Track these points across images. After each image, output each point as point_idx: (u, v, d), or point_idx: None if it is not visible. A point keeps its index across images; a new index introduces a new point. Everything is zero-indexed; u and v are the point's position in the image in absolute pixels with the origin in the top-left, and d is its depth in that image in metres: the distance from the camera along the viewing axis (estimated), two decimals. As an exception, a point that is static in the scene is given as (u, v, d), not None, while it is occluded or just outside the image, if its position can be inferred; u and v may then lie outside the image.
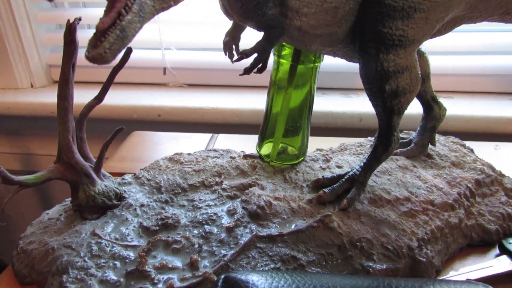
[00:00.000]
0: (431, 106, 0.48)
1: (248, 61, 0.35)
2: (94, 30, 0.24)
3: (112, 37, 0.24)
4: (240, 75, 0.35)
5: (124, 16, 0.24)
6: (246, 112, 0.72)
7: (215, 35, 0.79)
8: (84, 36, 0.33)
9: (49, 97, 0.80)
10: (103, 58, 0.23)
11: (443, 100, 0.75)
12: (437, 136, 0.55)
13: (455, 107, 0.71)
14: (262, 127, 0.50)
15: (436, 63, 0.76)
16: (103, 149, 0.41)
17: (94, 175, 0.41)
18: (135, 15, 0.25)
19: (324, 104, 0.72)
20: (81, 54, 0.29)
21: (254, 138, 0.51)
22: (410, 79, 0.37)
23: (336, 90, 0.78)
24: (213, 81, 0.82)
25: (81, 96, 0.46)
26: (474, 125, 0.67)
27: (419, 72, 0.38)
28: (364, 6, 0.35)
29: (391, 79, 0.36)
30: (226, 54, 0.43)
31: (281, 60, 0.45)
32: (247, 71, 0.35)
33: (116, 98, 0.77)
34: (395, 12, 0.34)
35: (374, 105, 0.39)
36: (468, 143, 0.56)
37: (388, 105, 0.38)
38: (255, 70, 0.35)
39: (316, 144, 0.55)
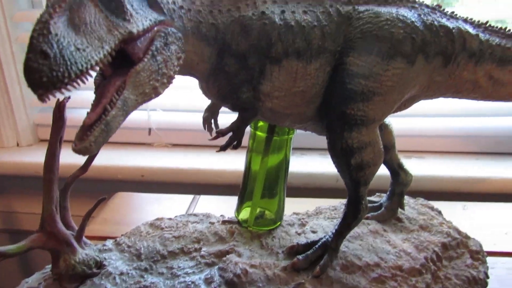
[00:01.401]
0: (398, 173, 0.51)
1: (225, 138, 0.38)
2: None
3: (97, 131, 0.26)
4: (217, 151, 0.38)
5: (109, 112, 0.27)
6: (229, 173, 0.75)
7: (200, 97, 0.83)
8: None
9: (35, 156, 0.82)
10: (88, 150, 0.26)
11: (415, 160, 0.79)
12: (407, 199, 0.58)
13: (426, 168, 0.75)
14: (241, 190, 0.53)
15: (408, 125, 0.81)
16: (85, 219, 0.43)
17: (75, 244, 0.42)
18: (119, 109, 0.28)
19: (303, 165, 0.75)
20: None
21: (236, 200, 0.54)
22: (373, 153, 0.40)
23: (315, 151, 0.81)
24: (197, 141, 0.85)
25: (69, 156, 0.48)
26: (444, 185, 0.71)
27: (381, 146, 0.41)
28: (329, 89, 0.39)
29: (356, 154, 0.39)
30: (205, 129, 0.46)
31: (257, 132, 0.48)
32: (223, 148, 0.38)
33: (101, 158, 0.79)
34: (356, 95, 0.38)
35: (342, 177, 0.42)
36: (438, 203, 0.59)
37: (354, 177, 0.41)
38: (231, 147, 0.38)
39: (294, 205, 0.57)
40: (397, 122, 0.79)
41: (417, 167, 0.75)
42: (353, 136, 0.39)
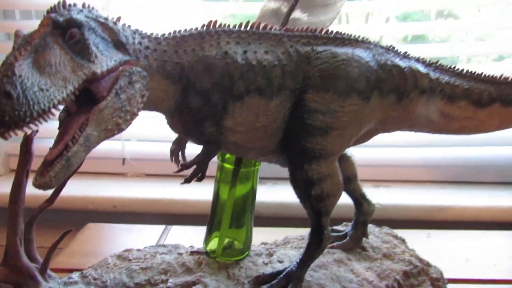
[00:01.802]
0: (361, 203, 0.53)
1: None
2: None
3: (58, 167, 0.28)
4: (181, 184, 0.39)
5: (70, 148, 0.28)
6: (201, 203, 0.76)
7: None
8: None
9: (5, 187, 0.81)
10: (49, 185, 0.27)
11: (383, 189, 0.82)
12: (372, 227, 0.60)
13: (394, 197, 0.78)
14: (209, 221, 0.54)
15: (377, 155, 0.84)
16: (50, 251, 0.43)
17: (39, 277, 0.42)
18: (80, 146, 0.29)
19: (275, 194, 0.77)
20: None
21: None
22: (333, 184, 0.42)
23: (286, 180, 0.83)
24: (171, 171, 0.86)
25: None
26: (409, 214, 0.73)
27: (341, 178, 0.43)
28: (289, 124, 0.41)
29: (316, 185, 0.41)
30: (172, 161, 0.47)
31: (225, 165, 0.50)
32: (187, 181, 0.39)
33: (73, 188, 0.79)
34: (315, 130, 0.40)
35: (304, 207, 0.44)
36: (403, 232, 0.61)
37: (315, 207, 0.42)
38: (195, 179, 0.40)
39: (264, 235, 0.58)
40: (366, 152, 0.83)
41: (385, 196, 0.77)
42: (313, 169, 0.41)
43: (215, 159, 0.48)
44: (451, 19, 0.96)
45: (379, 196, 0.77)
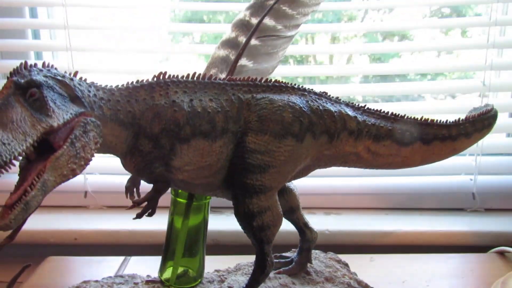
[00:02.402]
0: (304, 231, 0.59)
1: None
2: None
3: (17, 210, 0.31)
4: (133, 219, 0.43)
5: (29, 193, 0.32)
6: (160, 233, 0.79)
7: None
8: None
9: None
10: (9, 227, 0.31)
11: (333, 216, 0.87)
12: (318, 253, 0.65)
13: (342, 223, 0.83)
14: (164, 250, 0.57)
15: (328, 184, 0.90)
16: (9, 285, 0.46)
17: (-2, 311, 0.45)
18: (38, 190, 0.33)
19: (231, 223, 0.81)
20: None
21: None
22: (272, 216, 0.47)
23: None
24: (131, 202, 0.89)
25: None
26: (356, 239, 0.79)
27: (280, 210, 0.48)
28: (232, 163, 0.46)
29: (256, 217, 0.46)
30: (127, 197, 0.51)
31: (177, 199, 0.54)
32: (139, 216, 0.43)
33: (34, 222, 0.80)
34: (254, 168, 0.45)
35: (248, 237, 0.48)
36: (348, 256, 0.66)
37: (257, 237, 0.47)
38: (146, 214, 0.44)
39: (218, 264, 0.62)
40: (318, 181, 0.89)
41: (334, 223, 0.83)
42: (253, 202, 0.46)
43: (169, 191, 0.53)
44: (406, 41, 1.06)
45: (328, 223, 0.83)
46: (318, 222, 0.83)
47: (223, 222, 0.82)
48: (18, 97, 0.33)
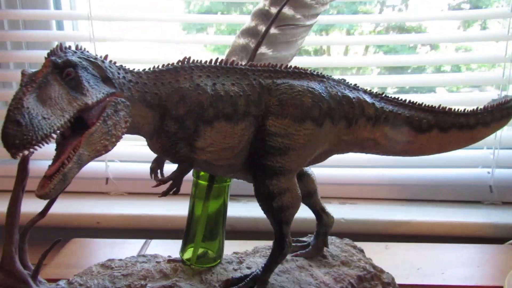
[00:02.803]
0: (321, 215, 0.60)
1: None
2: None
3: (56, 180, 0.34)
4: (159, 197, 0.46)
5: (66, 165, 0.34)
6: (179, 218, 0.81)
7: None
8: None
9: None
10: (48, 195, 0.33)
11: (348, 206, 0.88)
12: (334, 239, 0.66)
13: (357, 212, 0.84)
14: (185, 233, 0.59)
15: (344, 174, 0.91)
16: (41, 259, 0.48)
17: (31, 282, 0.47)
18: (74, 163, 0.35)
19: (248, 210, 0.83)
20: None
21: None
22: (291, 197, 0.49)
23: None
24: (152, 189, 0.91)
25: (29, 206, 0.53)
26: (370, 228, 0.80)
27: (299, 192, 0.50)
28: (253, 145, 0.48)
29: (276, 198, 0.48)
30: (151, 177, 0.53)
31: (199, 181, 0.56)
32: (164, 194, 0.45)
33: (58, 206, 0.83)
34: (275, 151, 0.47)
35: (268, 218, 0.50)
36: (363, 244, 0.67)
37: (277, 218, 0.49)
38: (171, 193, 0.46)
39: (236, 247, 0.64)
40: (334, 171, 0.90)
41: (349, 212, 0.84)
42: (273, 183, 0.47)
43: (190, 176, 0.55)
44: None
45: (344, 212, 0.84)
46: (334, 211, 0.82)
47: (240, 209, 0.84)
48: (56, 76, 0.35)
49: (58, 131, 0.34)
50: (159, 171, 0.54)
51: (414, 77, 0.94)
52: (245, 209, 0.83)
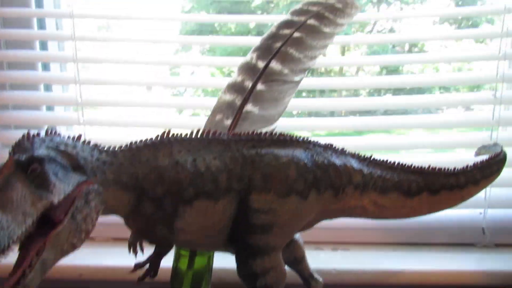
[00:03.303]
0: (309, 282, 0.58)
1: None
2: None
3: None
4: (137, 282, 0.43)
5: (27, 276, 0.32)
6: (168, 271, 0.78)
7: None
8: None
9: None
10: None
11: (340, 253, 0.86)
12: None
13: (348, 261, 0.82)
14: None
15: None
16: None
17: None
18: (36, 272, 0.33)
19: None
20: None
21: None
22: (276, 276, 0.47)
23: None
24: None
25: None
26: (363, 278, 0.78)
27: (284, 268, 0.48)
28: (235, 222, 0.46)
29: (260, 278, 0.46)
30: (130, 252, 0.51)
31: (181, 251, 0.54)
32: (141, 279, 0.43)
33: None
34: (258, 228, 0.45)
35: (252, 294, 0.48)
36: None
37: (262, 296, 0.47)
38: (148, 277, 0.43)
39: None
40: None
41: (341, 261, 0.82)
42: (257, 263, 0.45)
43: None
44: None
45: (335, 261, 0.82)
46: (325, 260, 0.82)
47: (229, 261, 0.81)
48: (19, 175, 0.33)
49: (20, 240, 0.31)
50: (138, 244, 0.52)
51: (406, 98, 0.94)
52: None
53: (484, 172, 0.56)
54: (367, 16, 0.97)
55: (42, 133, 0.37)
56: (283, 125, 0.87)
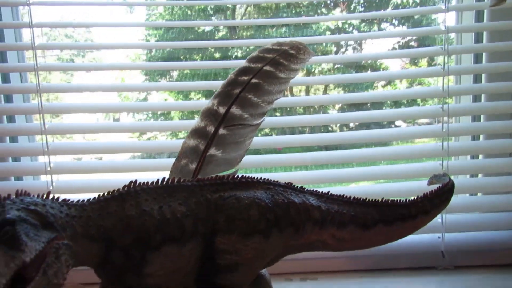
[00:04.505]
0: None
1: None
2: None
3: None
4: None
5: None
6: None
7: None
8: None
9: None
10: None
11: (310, 283, 0.89)
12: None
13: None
14: None
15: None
16: None
17: None
18: None
19: None
20: None
21: None
22: (243, 315, 0.49)
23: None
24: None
25: None
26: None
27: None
28: (202, 264, 0.48)
29: (228, 317, 0.48)
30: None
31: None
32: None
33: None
34: (223, 268, 0.48)
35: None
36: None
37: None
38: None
39: None
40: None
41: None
42: (225, 302, 0.48)
43: None
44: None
45: (304, 292, 0.85)
46: None
47: None
48: None
49: None
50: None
51: (363, 114, 1.01)
52: None
53: (433, 202, 0.61)
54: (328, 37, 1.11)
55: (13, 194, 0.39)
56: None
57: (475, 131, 1.00)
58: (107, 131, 0.97)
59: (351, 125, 1.33)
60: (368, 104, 1.17)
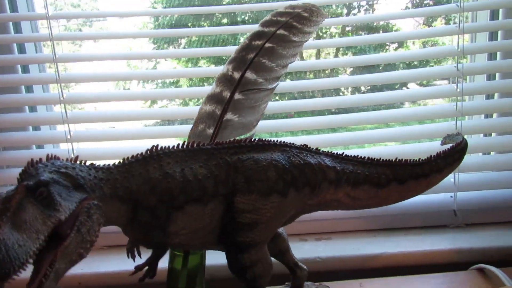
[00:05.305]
0: (295, 270, 0.63)
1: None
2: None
3: None
4: (138, 282, 0.48)
5: (43, 284, 0.36)
6: (163, 272, 0.83)
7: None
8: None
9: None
10: None
11: (324, 242, 0.92)
12: (309, 285, 0.70)
13: (331, 249, 0.88)
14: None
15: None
16: None
17: None
18: (51, 281, 0.37)
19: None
20: None
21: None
22: (263, 267, 0.52)
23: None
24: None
25: None
26: (346, 265, 0.84)
27: (270, 260, 0.53)
28: (224, 222, 0.50)
29: (248, 270, 0.51)
30: (128, 257, 0.55)
31: (175, 252, 0.58)
32: (141, 280, 0.47)
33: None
34: (244, 226, 0.50)
35: (243, 285, 0.53)
36: (338, 283, 0.71)
37: (251, 286, 0.52)
38: (148, 277, 0.48)
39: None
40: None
41: (324, 250, 0.88)
42: (245, 257, 0.50)
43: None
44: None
45: (319, 250, 0.88)
46: (310, 250, 0.88)
47: (219, 257, 0.86)
48: (29, 198, 0.37)
49: (35, 255, 0.35)
50: (135, 250, 0.56)
51: (377, 76, 0.99)
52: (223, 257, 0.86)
53: (447, 160, 0.62)
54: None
55: (44, 158, 0.41)
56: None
57: (489, 89, 0.99)
58: (123, 99, 0.98)
59: (363, 88, 1.32)
60: (380, 67, 1.16)
